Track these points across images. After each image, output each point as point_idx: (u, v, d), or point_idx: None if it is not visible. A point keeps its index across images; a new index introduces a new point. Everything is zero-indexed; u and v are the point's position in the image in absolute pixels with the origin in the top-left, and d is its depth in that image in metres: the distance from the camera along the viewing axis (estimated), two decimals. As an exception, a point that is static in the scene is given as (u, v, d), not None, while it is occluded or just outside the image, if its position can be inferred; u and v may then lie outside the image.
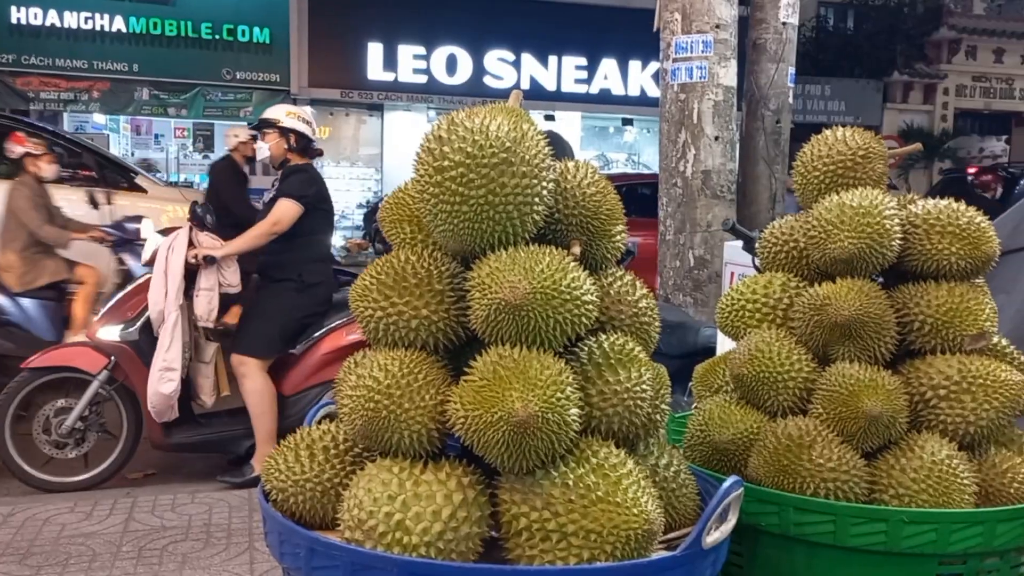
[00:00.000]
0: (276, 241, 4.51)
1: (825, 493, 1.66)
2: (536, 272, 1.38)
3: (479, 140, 1.42)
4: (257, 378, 4.48)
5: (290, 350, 4.64)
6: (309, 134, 4.65)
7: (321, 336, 4.65)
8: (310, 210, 4.50)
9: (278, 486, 1.55)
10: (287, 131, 4.59)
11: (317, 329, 4.66)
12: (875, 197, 1.84)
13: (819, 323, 1.81)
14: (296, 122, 4.61)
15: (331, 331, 4.65)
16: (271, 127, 4.62)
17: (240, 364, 4.50)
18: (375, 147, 18.54)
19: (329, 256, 4.91)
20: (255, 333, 4.53)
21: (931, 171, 20.40)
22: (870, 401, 1.69)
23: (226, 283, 4.52)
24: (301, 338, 4.64)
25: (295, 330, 4.62)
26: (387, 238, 1.67)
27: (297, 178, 4.53)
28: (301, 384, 4.65)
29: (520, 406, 1.30)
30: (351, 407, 1.44)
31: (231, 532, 3.84)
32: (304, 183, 4.52)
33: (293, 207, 4.43)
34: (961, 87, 21.32)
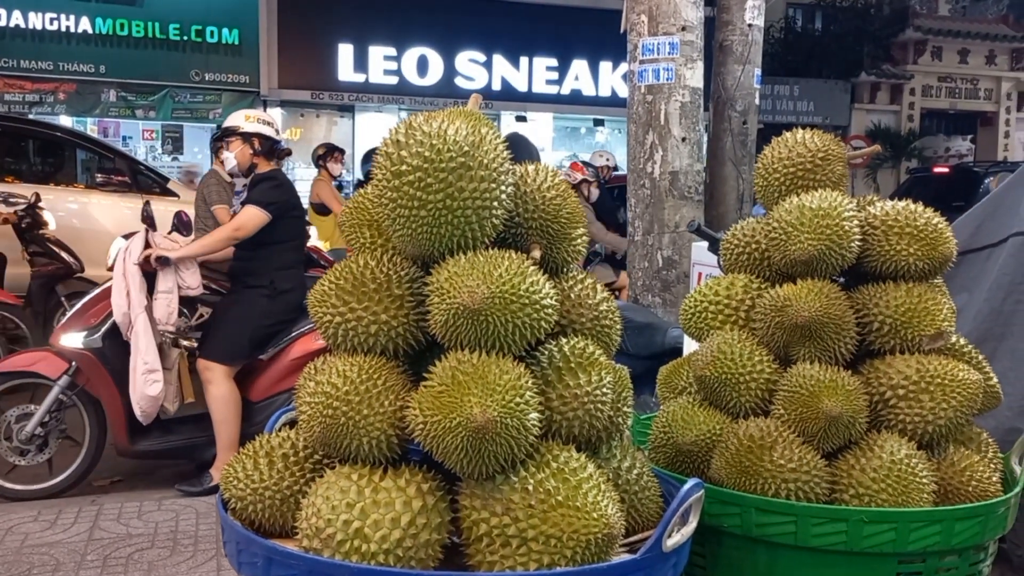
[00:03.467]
0: (247, 247, 4.46)
1: (786, 494, 1.67)
2: (495, 276, 1.37)
3: (437, 144, 1.41)
4: (223, 384, 4.42)
5: (259, 356, 4.59)
6: (272, 135, 4.58)
7: (290, 341, 4.59)
8: (279, 217, 4.43)
9: (237, 494, 1.53)
10: (249, 136, 4.51)
11: (286, 335, 4.61)
12: (834, 199, 1.86)
13: (780, 324, 1.83)
14: (257, 125, 4.54)
15: (300, 336, 4.59)
16: (233, 135, 4.55)
17: (206, 369, 4.45)
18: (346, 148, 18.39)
19: (301, 262, 4.83)
20: (223, 339, 4.47)
21: (898, 171, 20.64)
22: (830, 401, 1.70)
23: (185, 286, 4.43)
24: (270, 344, 4.60)
25: (264, 337, 4.56)
26: (347, 242, 1.66)
27: (265, 185, 4.46)
28: (269, 390, 4.59)
29: (479, 411, 1.29)
30: (309, 414, 1.42)
31: (198, 539, 3.79)
32: (271, 190, 4.44)
33: (258, 214, 4.37)
34: (927, 87, 21.58)
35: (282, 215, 4.46)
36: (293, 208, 4.57)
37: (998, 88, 21.86)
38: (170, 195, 8.72)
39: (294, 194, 4.62)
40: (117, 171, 8.87)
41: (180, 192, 8.91)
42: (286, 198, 4.50)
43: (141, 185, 8.69)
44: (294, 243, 4.68)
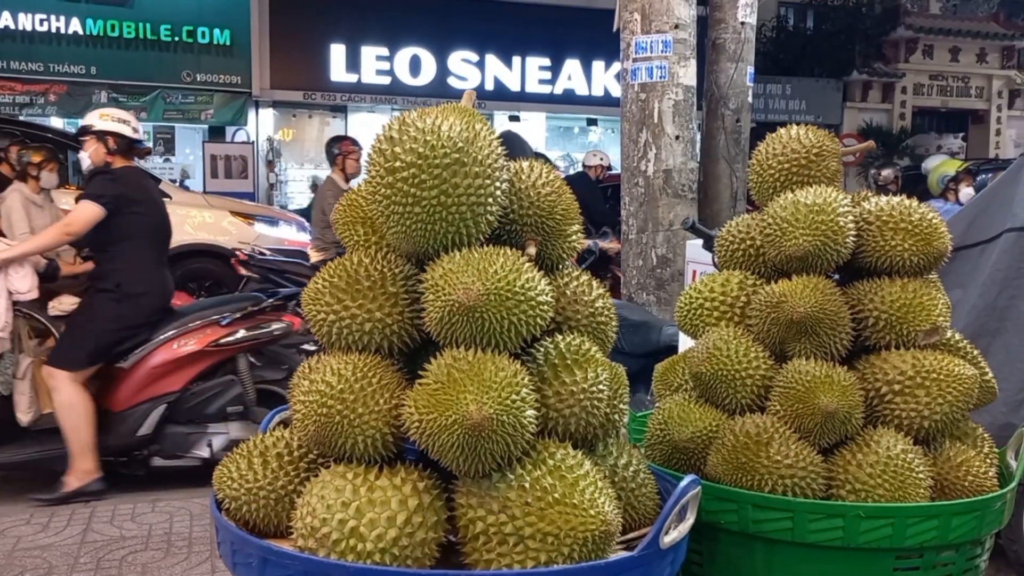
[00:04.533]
0: (95, 248, 4.30)
1: (783, 490, 1.67)
2: (490, 273, 1.37)
3: (431, 140, 1.41)
4: (66, 391, 4.20)
5: (118, 364, 4.37)
6: (128, 133, 4.41)
7: (152, 348, 4.39)
8: (117, 213, 4.22)
9: (231, 494, 1.52)
10: (103, 134, 4.35)
11: (146, 341, 4.39)
12: (829, 195, 1.85)
13: (775, 320, 1.82)
14: (111, 123, 4.37)
15: (164, 343, 4.41)
16: (87, 134, 4.39)
17: (50, 377, 4.25)
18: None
19: (161, 263, 4.60)
20: (66, 345, 4.28)
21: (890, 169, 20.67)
22: (826, 397, 1.69)
23: (14, 290, 4.27)
24: (126, 351, 4.38)
25: (112, 342, 4.32)
26: (340, 240, 1.65)
27: (99, 179, 4.27)
28: (131, 399, 4.38)
29: (475, 409, 1.28)
30: (304, 413, 1.41)
31: (192, 541, 3.78)
32: (105, 184, 4.24)
33: (88, 209, 4.16)
34: (919, 86, 21.63)
35: (120, 210, 4.25)
36: (136, 203, 4.34)
37: (989, 86, 21.92)
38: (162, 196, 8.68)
39: (139, 188, 4.40)
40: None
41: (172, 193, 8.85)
42: (123, 191, 4.28)
43: None
44: (144, 242, 4.45)
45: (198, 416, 4.49)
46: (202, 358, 4.48)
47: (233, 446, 4.39)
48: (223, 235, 8.91)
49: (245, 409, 4.52)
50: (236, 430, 4.48)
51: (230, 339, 4.49)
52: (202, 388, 4.51)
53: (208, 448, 4.47)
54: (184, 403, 4.46)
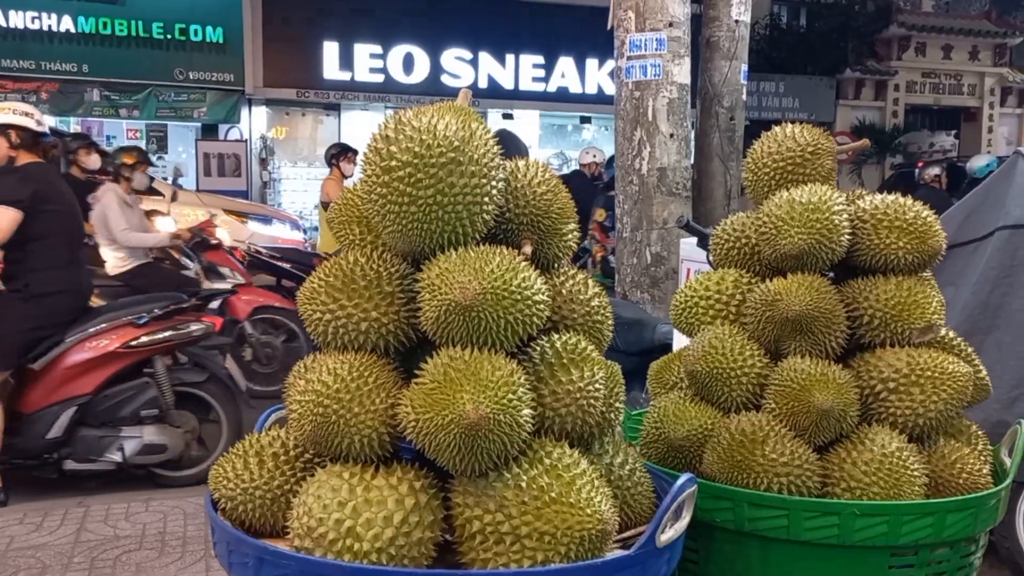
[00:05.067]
0: (5, 249, 4.22)
1: (778, 488, 1.67)
2: (486, 272, 1.36)
3: (427, 139, 1.40)
4: None
5: (30, 365, 4.32)
6: (32, 126, 4.32)
7: (64, 349, 4.33)
8: (33, 213, 4.15)
9: (227, 494, 1.51)
10: (5, 128, 4.25)
11: (57, 342, 4.33)
12: (824, 193, 1.86)
13: (770, 318, 1.83)
14: (12, 116, 4.27)
15: (76, 344, 4.34)
16: None
17: None
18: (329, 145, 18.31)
19: (73, 262, 4.47)
20: None
21: (883, 166, 20.74)
22: (821, 395, 1.70)
23: None
24: (37, 352, 4.31)
25: (23, 344, 4.26)
26: (336, 239, 1.64)
27: (10, 180, 4.18)
28: (42, 401, 4.33)
29: (471, 408, 1.28)
30: (300, 412, 1.41)
31: (186, 540, 3.77)
32: (17, 185, 4.16)
33: (7, 216, 4.08)
34: (911, 83, 21.69)
35: (34, 209, 4.18)
36: (46, 201, 4.25)
37: (981, 83, 22.00)
38: (156, 194, 8.68)
39: (48, 185, 4.31)
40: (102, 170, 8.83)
41: (166, 191, 8.87)
42: (35, 189, 4.20)
43: None
44: (56, 240, 4.35)
45: (111, 419, 4.41)
46: (116, 359, 4.38)
47: (148, 450, 4.35)
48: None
49: (161, 412, 4.43)
50: (151, 434, 4.39)
51: (145, 340, 4.39)
52: (116, 391, 4.42)
53: (120, 452, 4.39)
54: (96, 405, 4.38)
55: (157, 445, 4.42)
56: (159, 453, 4.43)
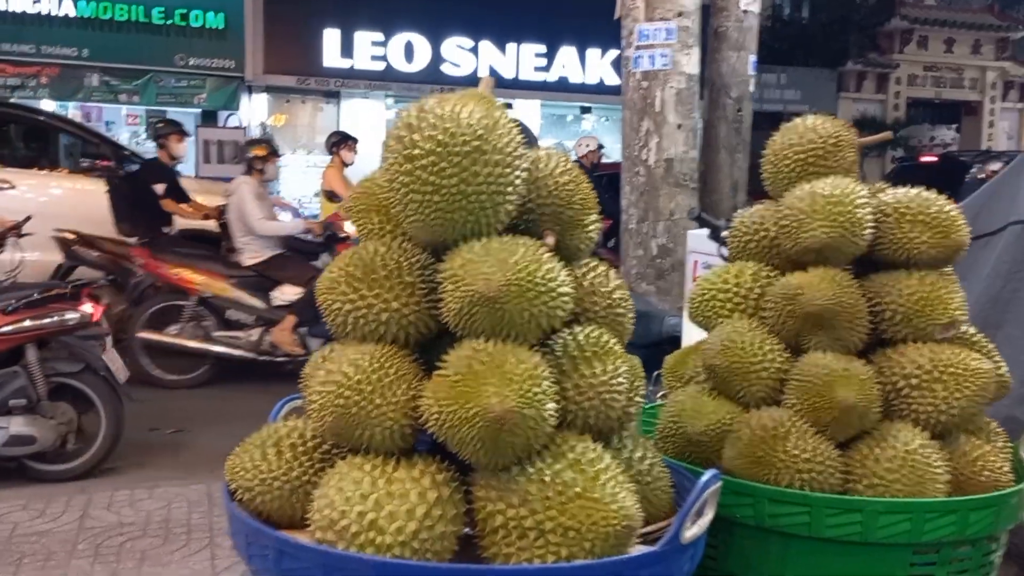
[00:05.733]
0: None
1: (800, 484, 1.65)
2: (510, 263, 1.34)
3: (450, 128, 1.38)
4: None
5: None
6: None
7: None
8: None
9: (244, 484, 1.49)
10: None
11: None
12: (847, 186, 1.83)
13: (792, 313, 1.80)
14: None
15: None
16: None
17: None
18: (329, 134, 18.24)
19: None
20: None
21: (884, 159, 20.73)
22: (844, 391, 1.68)
23: None
24: None
25: None
26: (357, 228, 1.62)
27: None
28: None
29: (496, 401, 1.26)
30: (320, 403, 1.39)
31: (191, 528, 3.76)
32: None
33: None
34: (913, 76, 21.66)
35: None
36: None
37: (983, 77, 21.97)
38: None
39: None
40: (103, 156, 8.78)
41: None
42: None
43: None
44: None
45: None
46: None
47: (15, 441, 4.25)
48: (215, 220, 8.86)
49: (31, 403, 4.32)
50: (19, 424, 4.27)
51: (12, 328, 4.29)
52: None
53: None
54: None
55: (25, 436, 4.26)
56: (27, 445, 4.27)
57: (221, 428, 5.32)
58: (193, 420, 5.48)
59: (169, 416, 5.51)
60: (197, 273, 6.37)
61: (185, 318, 6.35)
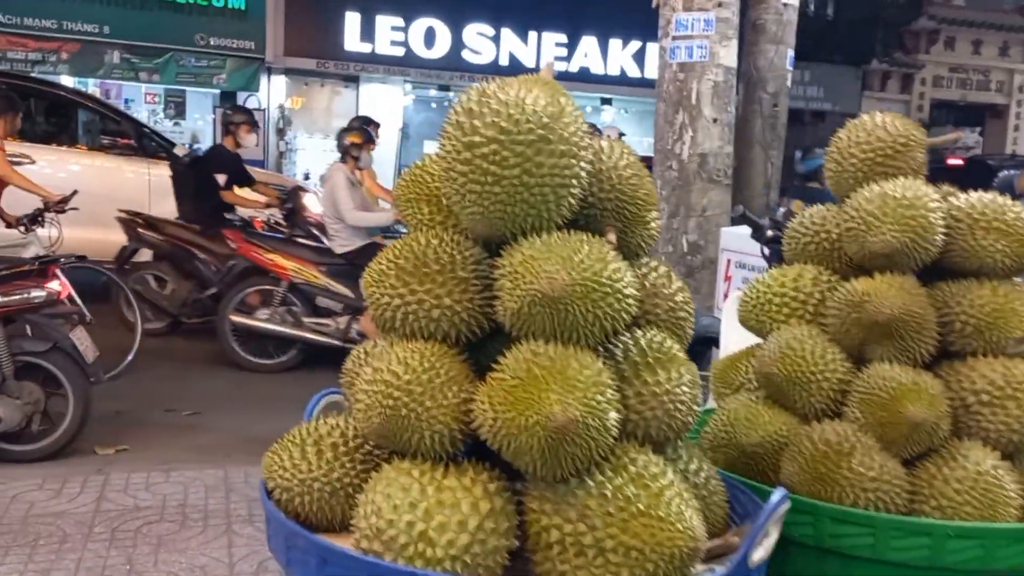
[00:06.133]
0: None
1: (865, 503, 1.56)
2: (575, 262, 1.25)
3: (514, 114, 1.29)
4: None
5: None
6: None
7: None
8: None
9: (283, 484, 1.42)
10: None
11: None
12: (918, 188, 1.74)
13: (857, 321, 1.71)
14: None
15: None
16: None
17: None
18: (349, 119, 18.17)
19: None
20: None
21: (906, 160, 20.48)
22: (913, 406, 1.59)
23: None
24: None
25: None
26: (403, 218, 1.53)
27: None
28: None
29: (559, 410, 1.18)
30: (367, 403, 1.31)
31: (208, 514, 3.70)
32: None
33: None
34: (938, 78, 21.38)
35: None
36: None
37: (1010, 80, 21.68)
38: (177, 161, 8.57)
39: None
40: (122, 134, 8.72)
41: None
42: None
43: (147, 150, 8.54)
44: None
45: None
46: None
47: None
48: (234, 202, 8.79)
49: None
50: None
51: None
52: None
53: None
54: None
55: None
56: None
57: (238, 411, 5.28)
58: (210, 402, 5.42)
59: (186, 397, 5.46)
60: (289, 259, 6.37)
61: (275, 303, 6.35)
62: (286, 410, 4.62)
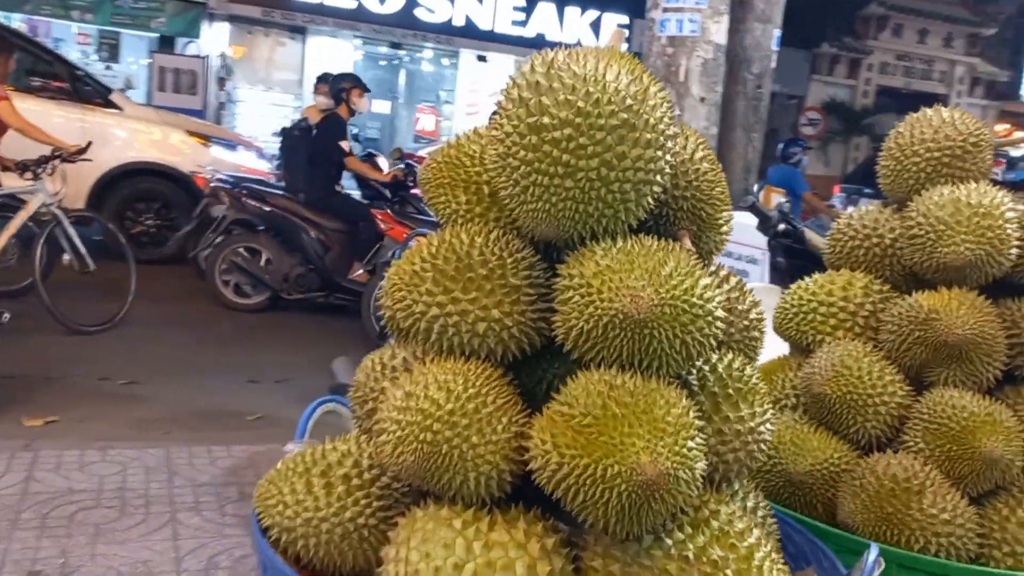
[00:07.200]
0: None
1: (936, 549, 1.40)
2: (663, 277, 1.04)
3: (595, 93, 1.06)
4: None
5: None
6: None
7: None
8: None
9: (284, 523, 1.18)
10: None
11: None
12: (994, 195, 1.57)
13: (921, 340, 1.54)
14: None
15: None
16: None
17: None
18: (295, 73, 17.50)
19: None
20: None
21: (849, 145, 20.74)
22: (988, 440, 1.43)
23: None
24: None
25: None
26: (433, 208, 1.29)
27: None
28: None
29: (647, 460, 0.97)
30: (399, 436, 1.08)
31: (149, 499, 3.41)
32: None
33: None
34: (885, 64, 21.63)
35: None
36: None
37: (952, 71, 22.06)
38: (112, 107, 8.04)
39: None
40: (54, 76, 8.12)
41: (124, 105, 8.23)
42: None
43: (81, 94, 7.98)
44: None
45: None
46: None
47: None
48: (176, 155, 8.30)
49: None
50: None
51: None
52: None
53: None
54: None
55: None
56: None
57: (178, 381, 4.95)
58: (148, 371, 5.07)
59: (120, 365, 5.10)
60: None
61: None
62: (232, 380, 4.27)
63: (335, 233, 6.63)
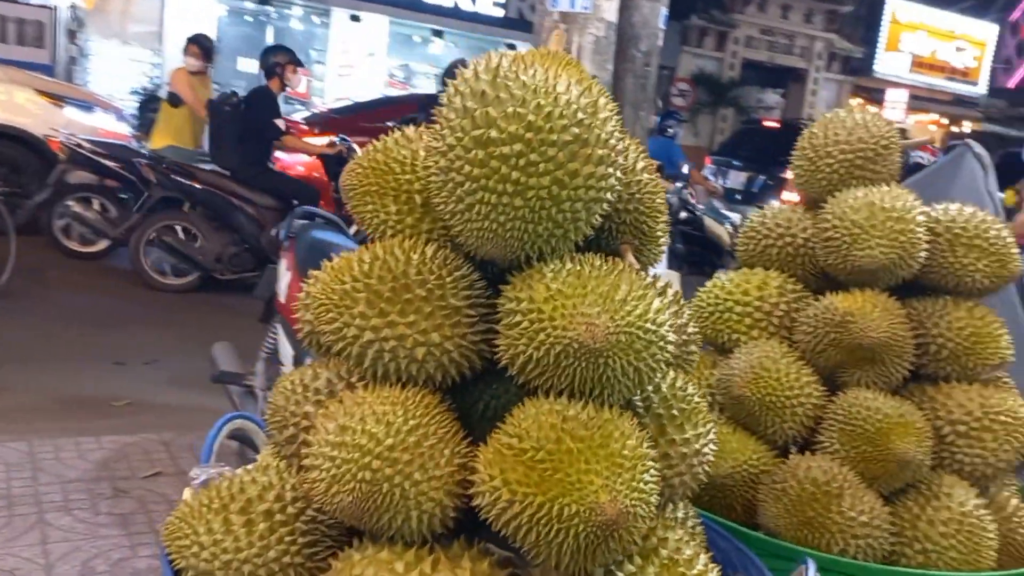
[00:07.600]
0: None
1: (854, 551, 1.44)
2: (616, 303, 0.99)
3: (546, 106, 0.99)
4: None
5: None
6: None
7: None
8: None
9: (200, 566, 1.08)
10: None
11: None
12: (905, 199, 1.61)
13: (836, 342, 1.57)
14: None
15: None
16: None
17: None
18: (153, 25, 16.48)
19: None
20: None
21: (716, 117, 21.40)
22: (902, 442, 1.47)
23: None
24: None
25: None
26: (359, 217, 1.20)
27: None
28: None
29: (607, 499, 0.92)
30: (335, 475, 0.99)
31: (12, 500, 3.15)
32: None
33: None
34: (750, 38, 22.35)
35: None
36: None
37: (812, 47, 23.02)
38: None
39: None
40: None
41: None
42: None
43: None
44: None
45: None
46: None
47: None
48: (25, 116, 7.67)
49: None
50: None
51: None
52: None
53: None
54: None
55: None
56: None
57: (40, 367, 4.60)
58: (1, 355, 4.69)
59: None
60: None
61: None
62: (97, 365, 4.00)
63: (268, 211, 6.31)
